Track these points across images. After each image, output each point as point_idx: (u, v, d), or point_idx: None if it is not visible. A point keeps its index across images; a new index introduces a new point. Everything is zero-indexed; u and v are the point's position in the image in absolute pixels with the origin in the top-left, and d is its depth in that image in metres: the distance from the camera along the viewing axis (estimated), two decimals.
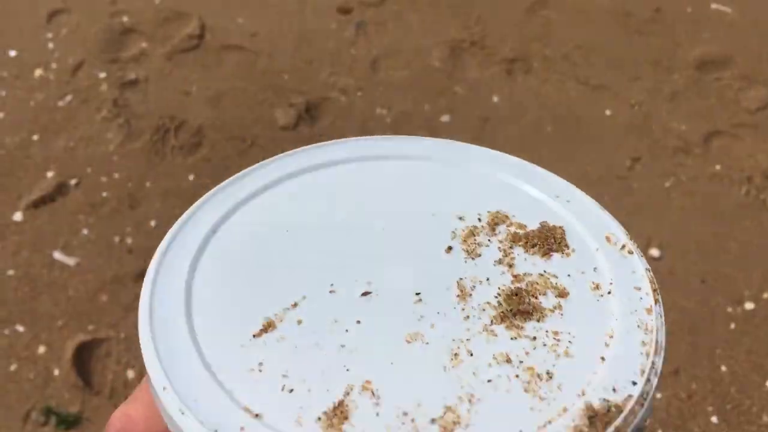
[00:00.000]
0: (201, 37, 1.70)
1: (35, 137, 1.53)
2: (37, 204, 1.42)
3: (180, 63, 1.66)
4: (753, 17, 1.74)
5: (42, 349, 1.24)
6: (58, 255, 1.34)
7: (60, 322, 1.26)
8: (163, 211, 1.40)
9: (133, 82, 1.62)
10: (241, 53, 1.68)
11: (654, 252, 1.30)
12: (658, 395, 1.13)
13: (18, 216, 1.40)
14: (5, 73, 1.64)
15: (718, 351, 1.17)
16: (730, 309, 1.22)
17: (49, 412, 1.17)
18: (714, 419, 1.10)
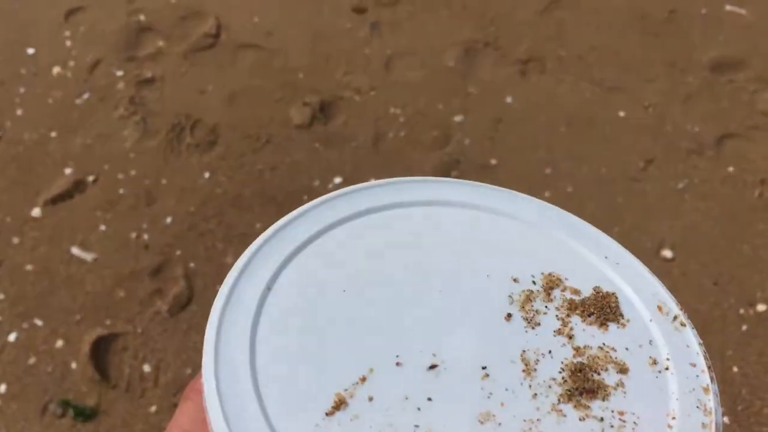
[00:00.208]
0: (217, 35, 1.71)
1: (53, 134, 1.54)
2: (56, 200, 1.44)
3: (196, 62, 1.67)
4: None
5: (60, 342, 1.26)
6: (75, 250, 1.36)
7: (77, 317, 1.28)
8: (178, 208, 1.41)
9: (150, 81, 1.63)
10: (256, 52, 1.69)
11: (666, 253, 1.30)
12: None
13: (36, 212, 1.42)
14: (24, 71, 1.66)
15: (730, 352, 1.18)
16: (742, 311, 1.23)
17: (66, 404, 1.19)
18: (726, 420, 1.10)
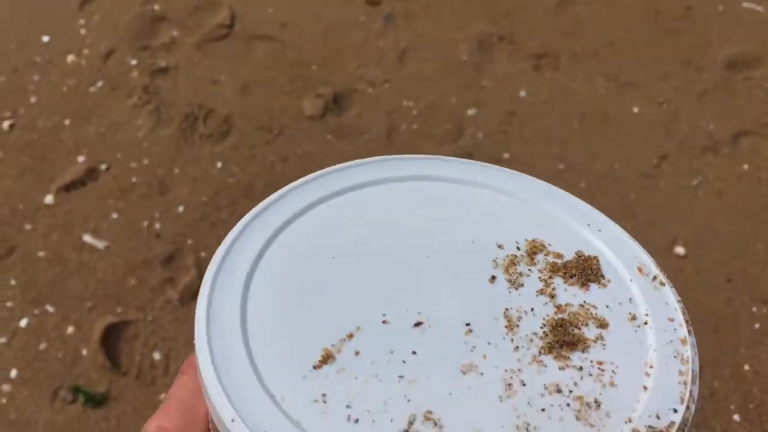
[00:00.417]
0: (231, 26, 1.71)
1: (67, 122, 1.55)
2: (68, 187, 1.44)
3: (210, 52, 1.67)
4: None
5: (71, 329, 1.26)
6: (87, 238, 1.37)
7: (89, 304, 1.28)
8: (190, 198, 1.41)
9: (164, 70, 1.64)
10: (270, 43, 1.69)
11: (679, 250, 1.30)
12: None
13: (49, 199, 1.42)
14: (38, 59, 1.66)
15: (742, 350, 1.17)
16: (755, 309, 1.22)
17: (77, 390, 1.19)
18: (736, 417, 1.10)
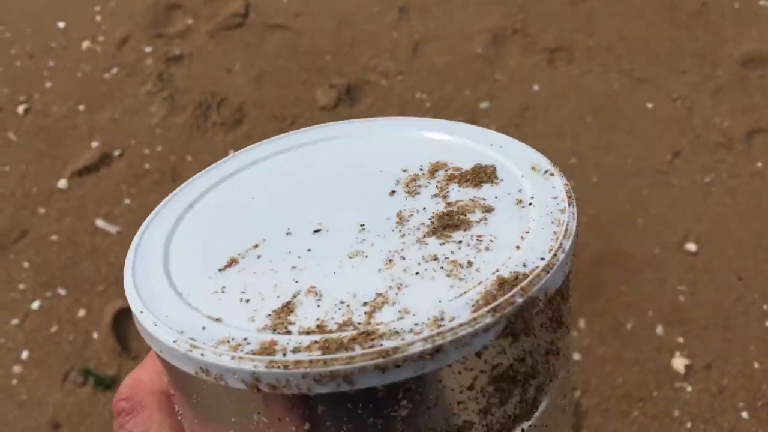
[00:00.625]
0: (245, 15, 1.71)
1: (81, 107, 1.56)
2: (82, 173, 1.45)
3: (224, 40, 1.68)
4: None
5: (82, 312, 1.27)
6: (100, 223, 1.38)
7: (100, 288, 1.29)
8: None
9: (178, 58, 1.64)
10: (284, 33, 1.69)
11: (691, 247, 1.29)
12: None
13: (63, 183, 1.43)
14: (54, 44, 1.67)
15: (752, 348, 1.17)
16: (765, 307, 1.21)
17: (87, 373, 1.20)
18: (744, 415, 1.09)
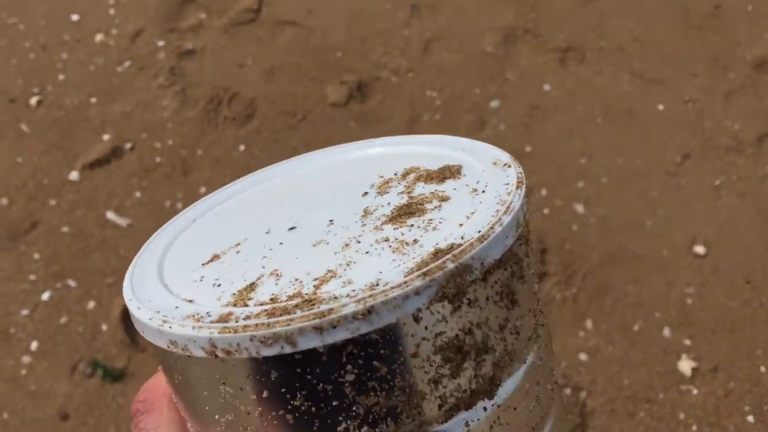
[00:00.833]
0: (258, 11, 1.72)
1: (93, 100, 1.57)
2: (93, 165, 1.46)
3: (236, 36, 1.68)
4: None
5: (92, 304, 1.28)
6: (111, 215, 1.39)
7: (110, 280, 1.30)
8: (213, 179, 1.43)
9: (190, 52, 1.65)
10: (296, 29, 1.70)
11: (699, 249, 1.29)
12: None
13: (74, 175, 1.44)
14: (67, 37, 1.68)
15: (759, 352, 1.17)
16: None
17: (96, 364, 1.21)
18: (750, 419, 1.09)
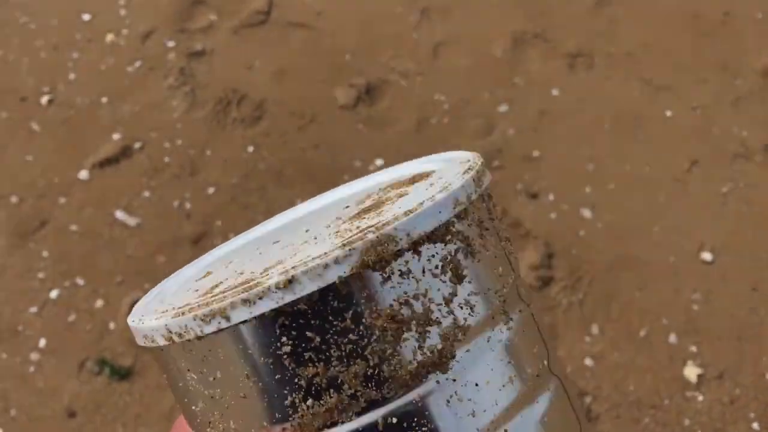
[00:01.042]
0: (268, 13, 1.73)
1: (104, 100, 1.58)
2: (103, 164, 1.47)
3: (246, 37, 1.69)
4: None
5: (100, 303, 1.29)
6: (120, 214, 1.39)
7: (118, 279, 1.31)
8: (221, 180, 1.43)
9: (200, 53, 1.66)
10: (305, 31, 1.70)
11: (706, 256, 1.29)
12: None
13: (84, 174, 1.45)
14: (78, 36, 1.69)
15: (765, 359, 1.17)
16: None
17: (103, 363, 1.22)
18: (755, 425, 1.09)
